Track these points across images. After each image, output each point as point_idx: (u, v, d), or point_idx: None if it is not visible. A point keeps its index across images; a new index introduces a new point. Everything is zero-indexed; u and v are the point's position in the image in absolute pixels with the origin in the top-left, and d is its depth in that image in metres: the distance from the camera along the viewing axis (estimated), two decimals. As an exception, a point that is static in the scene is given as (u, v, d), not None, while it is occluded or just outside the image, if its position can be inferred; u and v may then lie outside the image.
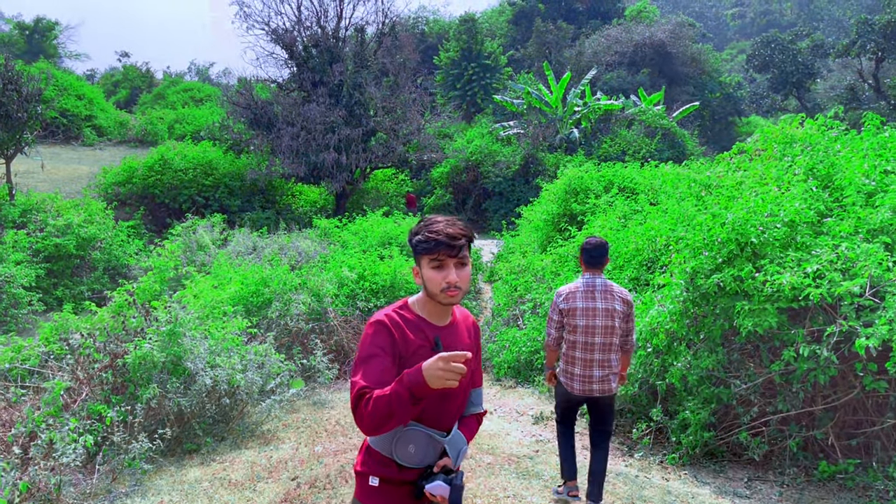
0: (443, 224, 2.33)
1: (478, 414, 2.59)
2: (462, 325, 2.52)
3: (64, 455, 5.78)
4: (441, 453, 2.38)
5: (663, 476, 5.41)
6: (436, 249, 2.28)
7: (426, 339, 2.34)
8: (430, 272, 2.31)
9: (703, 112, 42.18)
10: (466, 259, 2.35)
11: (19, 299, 13.99)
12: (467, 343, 2.49)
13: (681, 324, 6.06)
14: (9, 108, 17.09)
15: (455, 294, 2.30)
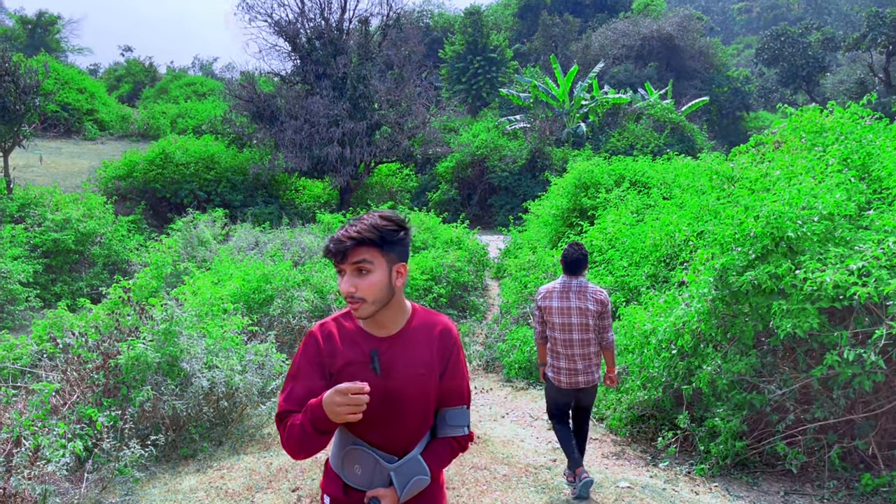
0: (348, 224, 2.06)
1: (456, 437, 2.25)
2: (418, 335, 2.17)
3: (50, 462, 5.42)
4: (390, 480, 2.13)
5: (692, 489, 5.02)
6: (325, 256, 2.05)
7: (361, 352, 2.10)
8: (338, 279, 2.08)
9: (711, 107, 41.69)
10: (367, 264, 2.02)
11: (16, 295, 13.63)
12: (421, 358, 2.15)
13: (709, 324, 5.66)
14: (6, 99, 16.75)
15: (356, 306, 2.04)
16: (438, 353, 2.19)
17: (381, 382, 2.09)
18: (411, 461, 2.13)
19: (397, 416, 2.13)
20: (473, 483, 4.96)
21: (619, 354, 6.78)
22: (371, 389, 1.97)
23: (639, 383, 6.23)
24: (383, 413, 2.10)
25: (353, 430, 2.15)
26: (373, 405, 2.01)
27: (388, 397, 2.11)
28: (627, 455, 5.77)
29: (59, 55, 51.12)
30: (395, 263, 2.09)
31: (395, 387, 2.11)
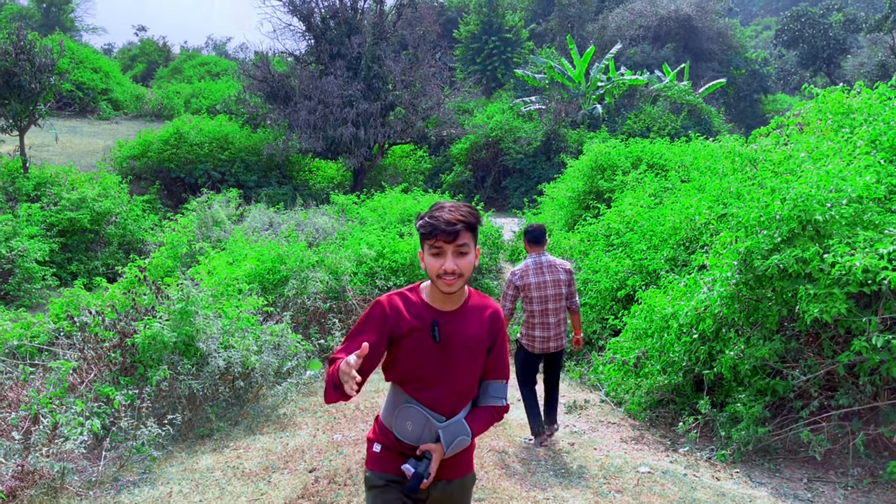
0: (446, 210, 2.32)
1: (495, 407, 2.54)
2: (473, 314, 2.48)
3: (68, 440, 5.43)
4: (437, 438, 2.41)
5: (713, 475, 4.96)
6: (433, 235, 2.29)
7: (424, 322, 2.38)
8: (429, 258, 2.33)
9: (728, 89, 41.08)
10: (467, 248, 2.32)
11: (33, 274, 13.71)
12: (475, 333, 2.44)
13: (731, 308, 5.57)
14: (21, 78, 16.71)
15: (452, 282, 2.31)
16: (488, 331, 2.47)
17: (438, 349, 2.38)
18: (457, 422, 2.40)
19: (448, 380, 2.41)
20: (492, 466, 4.92)
21: (638, 338, 6.72)
22: (428, 354, 2.37)
23: (658, 367, 6.16)
24: (437, 376, 2.39)
25: (408, 390, 2.42)
26: (429, 368, 2.38)
27: (442, 363, 2.40)
28: (646, 440, 5.71)
29: (74, 34, 51.12)
30: (476, 246, 2.39)
31: (449, 354, 2.40)
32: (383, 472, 2.45)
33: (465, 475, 2.58)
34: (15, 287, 13.35)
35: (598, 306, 8.57)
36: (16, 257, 13.51)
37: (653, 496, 4.40)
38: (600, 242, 10.07)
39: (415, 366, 2.39)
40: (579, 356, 8.31)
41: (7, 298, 13.15)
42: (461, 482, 2.56)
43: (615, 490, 4.49)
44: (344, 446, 5.69)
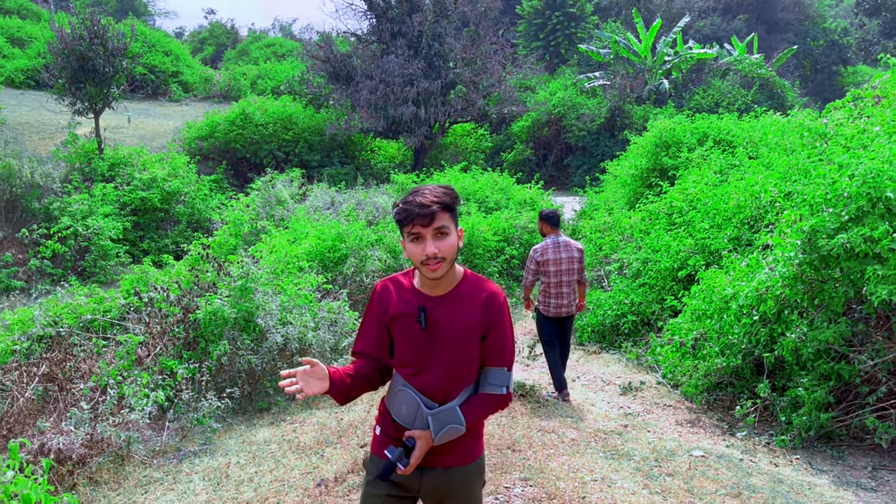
0: (419, 193, 2.26)
1: (492, 395, 2.42)
2: (466, 299, 2.38)
3: (133, 411, 5.67)
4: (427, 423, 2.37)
5: (771, 460, 4.81)
6: (409, 221, 2.23)
7: (411, 307, 2.36)
8: (409, 245, 2.28)
9: (805, 62, 39.35)
10: (446, 229, 2.26)
11: (107, 251, 14.30)
12: (466, 318, 2.36)
13: (795, 290, 5.36)
14: (95, 62, 17.31)
15: (437, 267, 2.25)
16: (481, 316, 2.37)
17: (426, 335, 2.34)
18: (448, 410, 2.34)
19: (437, 367, 2.36)
20: (541, 446, 4.90)
21: (697, 319, 6.55)
22: (415, 340, 2.35)
23: (717, 349, 5.99)
24: (426, 362, 2.36)
25: (403, 374, 2.42)
26: (418, 354, 2.36)
27: (431, 349, 2.35)
28: (703, 423, 5.58)
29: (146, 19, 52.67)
30: (457, 227, 2.33)
31: (436, 340, 2.35)
32: (379, 457, 2.41)
33: (467, 463, 2.45)
34: (91, 264, 13.96)
35: (658, 286, 8.39)
36: (92, 235, 14.11)
37: (705, 480, 4.30)
38: (662, 221, 9.84)
39: (405, 351, 2.38)
40: (637, 337, 8.17)
41: (84, 274, 13.78)
42: (462, 470, 2.44)
43: (666, 473, 4.40)
44: (396, 423, 5.76)
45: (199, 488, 4.85)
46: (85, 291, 8.65)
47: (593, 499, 3.99)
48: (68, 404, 6.18)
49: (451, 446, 2.39)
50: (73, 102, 18.06)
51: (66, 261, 13.82)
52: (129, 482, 5.13)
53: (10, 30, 31.39)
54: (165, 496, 4.78)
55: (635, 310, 8.43)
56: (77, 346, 7.57)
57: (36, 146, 20.07)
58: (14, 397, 6.18)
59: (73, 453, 5.35)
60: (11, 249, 13.71)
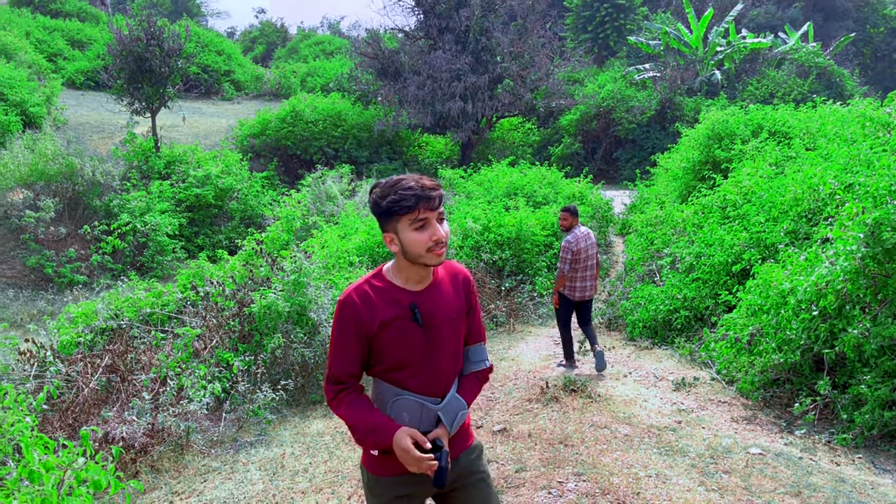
0: (413, 180, 2.16)
1: (479, 371, 2.45)
2: (446, 284, 2.34)
3: (192, 402, 5.83)
4: (437, 420, 2.29)
5: (832, 459, 4.69)
6: (416, 206, 2.11)
7: (402, 307, 2.23)
8: (412, 234, 2.15)
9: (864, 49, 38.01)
10: (444, 213, 2.20)
11: (164, 247, 14.73)
12: (452, 305, 2.32)
13: (857, 284, 5.20)
14: (152, 63, 17.80)
15: (441, 252, 2.19)
16: (465, 299, 2.37)
17: (422, 332, 2.24)
18: (452, 399, 2.30)
19: (437, 361, 2.28)
20: (593, 442, 4.87)
21: (753, 315, 6.42)
22: (414, 340, 2.22)
23: (774, 345, 5.85)
24: (425, 359, 2.26)
25: (396, 380, 2.27)
26: (417, 353, 2.23)
27: (428, 344, 2.26)
28: (759, 420, 5.46)
29: (200, 19, 53.79)
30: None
31: (435, 334, 2.27)
32: (389, 476, 2.30)
33: (472, 444, 2.45)
34: (149, 259, 14.39)
35: (711, 281, 8.23)
36: (149, 231, 14.55)
37: (763, 479, 4.22)
38: (715, 215, 9.65)
39: (401, 354, 2.23)
40: (690, 332, 8.04)
41: (142, 269, 14.22)
42: (471, 450, 2.44)
43: (722, 471, 4.33)
44: (447, 416, 5.80)
45: (255, 478, 4.97)
46: (144, 286, 8.94)
47: (648, 495, 3.95)
48: (130, 395, 6.39)
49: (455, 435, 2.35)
50: (131, 102, 18.62)
51: (125, 256, 14.28)
52: (189, 471, 5.28)
53: (71, 32, 32.46)
54: (224, 485, 4.91)
55: (688, 305, 8.30)
56: (137, 338, 7.83)
57: (96, 145, 20.74)
58: (79, 387, 6.42)
59: (136, 442, 5.53)
60: (74, 245, 14.22)
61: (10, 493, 2.73)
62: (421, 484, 2.32)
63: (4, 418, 3.33)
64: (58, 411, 6.05)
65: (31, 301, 12.69)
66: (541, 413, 5.62)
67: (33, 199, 14.46)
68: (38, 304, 12.55)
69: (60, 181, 14.98)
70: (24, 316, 11.90)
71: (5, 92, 19.45)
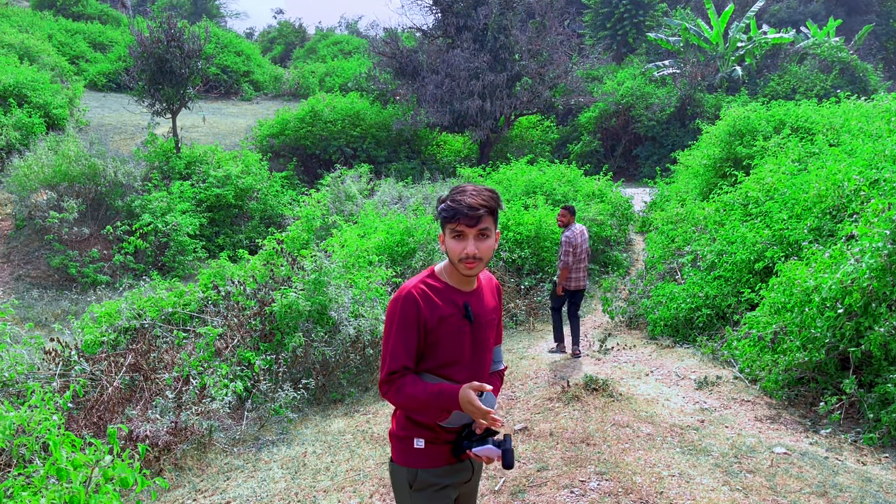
0: (467, 194, 2.32)
1: (499, 371, 2.65)
2: (486, 290, 2.54)
3: (214, 400, 5.87)
4: None
5: (858, 458, 4.63)
6: (455, 219, 2.29)
7: (456, 306, 2.38)
8: (450, 242, 2.34)
9: (887, 44, 37.43)
10: (488, 231, 2.33)
11: (185, 246, 14.84)
12: (493, 306, 2.54)
13: (883, 281, 5.13)
14: (172, 64, 17.94)
15: (473, 265, 2.32)
16: (498, 303, 2.61)
17: (471, 329, 2.40)
18: (489, 395, 2.36)
19: (481, 357, 2.46)
20: (615, 440, 4.84)
21: (777, 313, 6.34)
22: (465, 336, 2.38)
23: (798, 344, 5.78)
24: (473, 355, 2.43)
25: (445, 377, 2.38)
26: (466, 349, 2.39)
27: (475, 341, 2.43)
28: (784, 419, 5.40)
29: (219, 20, 54.21)
30: (496, 229, 2.40)
31: (480, 333, 2.44)
32: (436, 468, 2.40)
33: None
34: (170, 259, 14.51)
35: (734, 279, 8.16)
36: (170, 231, 14.67)
37: (789, 478, 4.17)
38: (737, 212, 9.56)
39: (453, 350, 2.37)
40: (712, 331, 7.97)
41: (164, 269, 14.34)
42: None
43: (747, 470, 4.29)
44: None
45: (277, 476, 5.00)
46: (166, 285, 9.01)
47: (671, 494, 3.92)
48: (153, 393, 6.45)
49: None
50: (152, 103, 18.78)
51: (147, 256, 14.41)
52: (212, 469, 5.32)
53: (92, 35, 32.82)
54: (246, 483, 4.94)
55: (710, 303, 8.23)
56: (159, 337, 7.90)
57: (118, 146, 20.96)
58: (103, 386, 6.50)
59: (160, 440, 5.59)
60: (97, 245, 14.39)
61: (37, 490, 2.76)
62: (460, 474, 2.46)
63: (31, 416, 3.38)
64: (83, 409, 6.12)
65: (55, 301, 12.85)
66: (562, 412, 5.60)
67: (57, 200, 14.64)
68: (63, 303, 12.71)
69: (83, 182, 15.15)
70: (48, 316, 12.06)
71: (29, 94, 19.70)
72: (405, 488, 2.42)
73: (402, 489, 2.44)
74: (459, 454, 2.38)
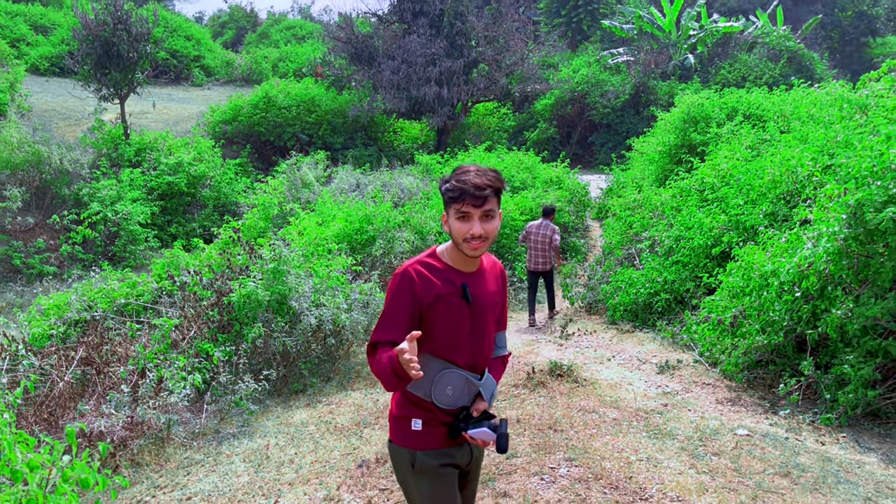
0: (472, 174, 2.31)
1: (503, 357, 2.65)
2: (489, 273, 2.52)
3: (172, 394, 5.70)
4: (475, 396, 2.45)
5: (817, 439, 4.73)
6: (461, 199, 2.27)
7: (454, 286, 2.37)
8: (455, 222, 2.32)
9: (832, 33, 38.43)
10: (493, 212, 2.32)
11: (136, 236, 14.44)
12: (493, 290, 2.50)
13: (839, 265, 5.23)
14: (120, 48, 17.37)
15: (478, 246, 2.31)
16: (500, 287, 2.56)
17: (469, 311, 2.38)
18: (489, 378, 2.46)
19: (480, 339, 2.43)
20: (582, 426, 4.85)
21: (735, 297, 6.45)
22: (463, 317, 2.36)
23: (757, 327, 5.89)
24: (470, 337, 2.40)
25: (444, 355, 2.38)
26: (463, 330, 2.38)
27: (473, 324, 2.40)
28: (744, 401, 5.50)
29: (167, 3, 52.65)
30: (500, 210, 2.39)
31: (480, 315, 2.41)
32: (434, 450, 2.40)
33: None
34: (121, 248, 14.11)
35: (692, 264, 8.27)
36: (121, 220, 14.26)
37: (752, 460, 4.23)
38: (693, 198, 9.68)
39: (450, 330, 2.36)
40: (671, 315, 8.07)
41: (114, 259, 13.94)
42: None
43: (712, 453, 4.34)
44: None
45: (240, 469, 4.88)
46: (118, 276, 8.73)
47: (641, 479, 3.94)
48: (107, 388, 6.24)
49: None
50: (99, 88, 18.17)
51: (96, 246, 13.99)
52: (171, 464, 5.17)
53: (34, 17, 31.60)
54: (207, 477, 4.81)
55: (668, 288, 8.33)
56: (112, 329, 7.65)
57: (63, 133, 20.25)
58: (54, 381, 6.26)
59: (115, 435, 5.40)
60: (43, 235, 13.90)
61: (-11, 493, 2.62)
62: (460, 456, 2.45)
63: (-20, 415, 3.20)
64: (32, 405, 5.89)
65: (-1, 293, 12.39)
66: (528, 398, 5.59)
67: (-1, 189, 14.09)
68: (7, 296, 12.26)
69: (27, 170, 14.61)
70: (-8, 308, 11.61)
71: (-33, 79, 18.89)
72: (407, 470, 2.42)
73: (403, 470, 2.44)
74: (456, 436, 2.38)
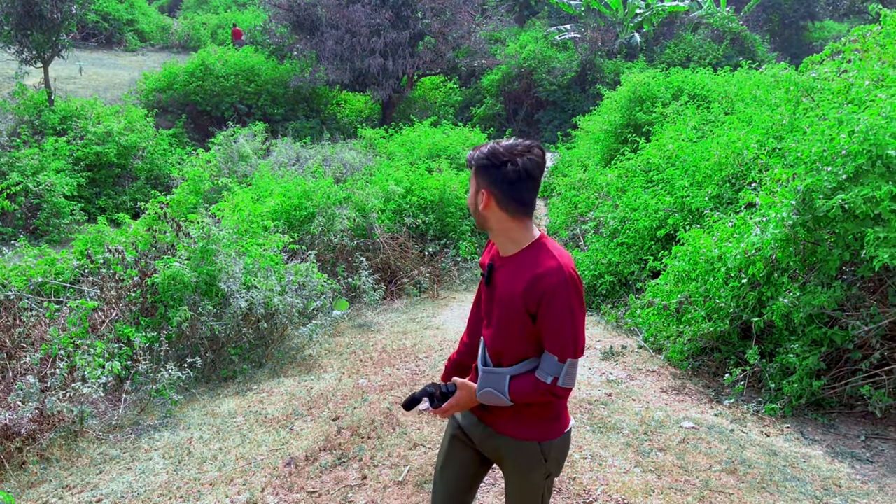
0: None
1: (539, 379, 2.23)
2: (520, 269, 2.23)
3: (86, 384, 5.27)
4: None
5: (762, 430, 4.63)
6: None
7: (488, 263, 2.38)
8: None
9: (773, 16, 39.06)
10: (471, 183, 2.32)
11: (60, 209, 13.64)
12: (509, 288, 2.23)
13: (786, 252, 5.13)
14: (42, 7, 16.28)
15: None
16: (523, 292, 2.18)
17: (489, 292, 2.36)
18: (498, 374, 2.29)
19: (492, 325, 2.34)
20: (524, 418, 4.65)
21: (681, 282, 6.33)
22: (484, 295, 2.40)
23: (703, 314, 5.78)
24: (487, 319, 2.38)
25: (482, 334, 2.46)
26: (484, 309, 2.41)
27: (489, 308, 2.36)
28: (688, 390, 5.39)
29: (99, -36, 50.17)
30: (481, 188, 2.24)
31: (493, 300, 2.33)
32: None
33: (520, 438, 2.30)
34: (44, 222, 13.31)
35: (637, 246, 8.16)
36: (43, 192, 13.43)
37: (698, 455, 4.10)
38: (639, 178, 9.58)
39: (477, 304, 2.56)
40: (615, 298, 7.96)
41: (37, 233, 13.15)
42: (514, 444, 2.31)
43: (658, 448, 4.19)
44: (369, 392, 5.46)
45: (158, 467, 4.52)
46: (35, 252, 8.13)
47: (585, 480, 3.75)
48: (17, 374, 5.77)
49: (506, 413, 2.32)
50: (20, 51, 17.04)
51: (16, 219, 13.15)
52: (83, 460, 4.78)
53: (-49, -27, 29.55)
54: (122, 476, 4.44)
55: (613, 270, 8.21)
56: (28, 310, 7.10)
57: (-19, 97, 19.00)
58: (-44, 368, 5.75)
59: (22, 429, 4.97)
60: (-44, 207, 12.98)
61: None
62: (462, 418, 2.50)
63: None
64: (-70, 396, 5.38)
65: None
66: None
67: None
68: (-84, 271, 11.41)
69: (-61, 136, 13.61)
70: None
71: None
72: None
73: None
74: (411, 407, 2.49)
